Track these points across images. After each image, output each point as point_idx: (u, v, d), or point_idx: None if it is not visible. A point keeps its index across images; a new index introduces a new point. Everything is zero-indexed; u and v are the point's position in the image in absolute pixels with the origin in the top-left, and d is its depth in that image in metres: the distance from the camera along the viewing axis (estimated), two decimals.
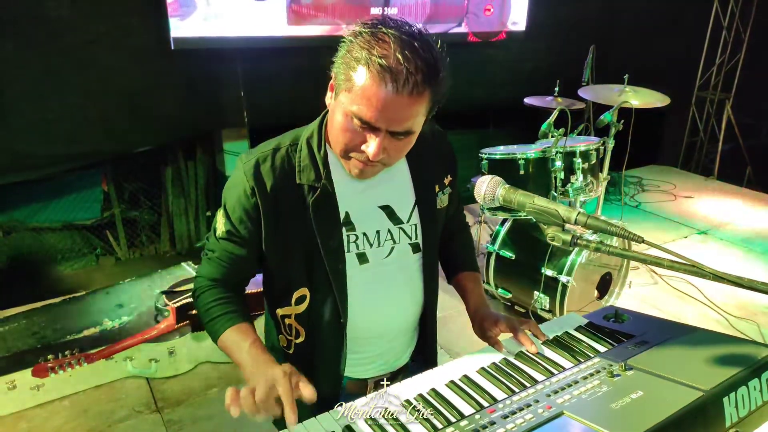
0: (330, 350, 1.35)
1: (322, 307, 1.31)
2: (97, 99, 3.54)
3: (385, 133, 1.11)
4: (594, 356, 1.22)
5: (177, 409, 2.69)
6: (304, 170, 1.25)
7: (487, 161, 3.20)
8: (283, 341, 1.41)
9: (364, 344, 1.39)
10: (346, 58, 1.10)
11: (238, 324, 1.27)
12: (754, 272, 4.01)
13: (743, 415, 1.05)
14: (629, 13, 5.40)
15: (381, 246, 1.33)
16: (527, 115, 4.22)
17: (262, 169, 1.24)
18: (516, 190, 1.17)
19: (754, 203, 5.37)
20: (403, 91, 1.05)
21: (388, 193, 1.33)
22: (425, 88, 1.08)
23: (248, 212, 1.25)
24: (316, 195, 1.24)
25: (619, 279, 3.37)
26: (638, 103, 3.48)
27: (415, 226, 1.36)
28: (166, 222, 4.27)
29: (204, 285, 1.34)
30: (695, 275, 0.96)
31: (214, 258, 1.32)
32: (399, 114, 1.09)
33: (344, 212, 1.28)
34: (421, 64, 1.05)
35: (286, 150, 1.27)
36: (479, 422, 1.02)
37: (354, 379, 1.42)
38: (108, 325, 2.87)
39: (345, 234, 1.28)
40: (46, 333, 2.84)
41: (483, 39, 4.65)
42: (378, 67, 1.04)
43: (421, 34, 1.09)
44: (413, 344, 1.50)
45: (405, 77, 1.04)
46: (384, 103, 1.07)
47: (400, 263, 1.37)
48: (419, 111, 1.11)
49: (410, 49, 1.05)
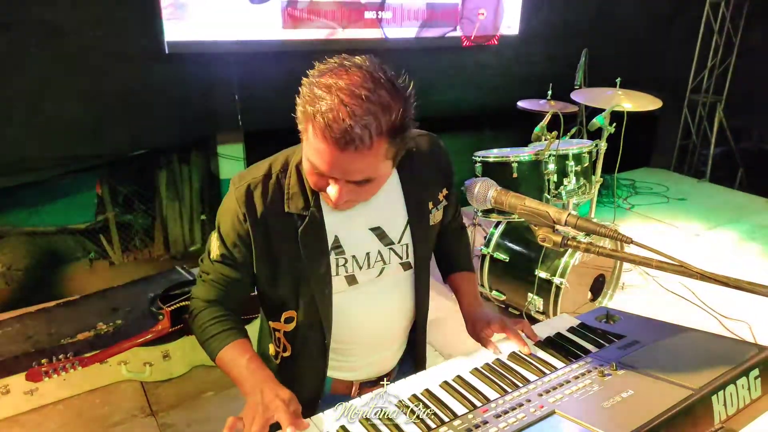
0: (313, 368, 1.37)
1: (308, 328, 1.33)
2: (91, 102, 3.54)
3: (343, 182, 1.11)
4: (585, 356, 1.23)
5: (171, 413, 2.69)
6: (293, 198, 1.25)
7: (481, 164, 3.22)
8: (272, 350, 1.43)
9: (352, 355, 1.41)
10: (301, 107, 1.08)
11: (235, 341, 1.28)
12: (746, 274, 4.03)
13: (732, 413, 1.07)
14: (621, 16, 5.44)
15: (371, 267, 1.33)
16: (520, 118, 4.25)
17: (254, 195, 1.24)
18: (507, 192, 1.18)
19: (746, 205, 5.41)
20: (348, 148, 1.03)
21: (379, 214, 1.32)
22: (374, 141, 1.04)
23: (241, 237, 1.26)
24: (304, 223, 1.25)
25: (612, 281, 3.39)
26: (630, 106, 3.50)
27: (406, 246, 1.36)
28: (161, 226, 4.27)
29: (200, 306, 1.35)
30: (683, 275, 0.98)
31: (209, 280, 1.33)
32: (349, 167, 1.08)
33: (333, 236, 1.28)
34: (369, 119, 1.02)
35: (277, 176, 1.27)
36: (472, 422, 1.04)
37: (340, 380, 1.45)
38: (102, 329, 2.86)
39: (334, 258, 1.29)
40: (40, 337, 2.83)
41: (476, 43, 4.68)
42: (322, 125, 1.02)
43: (376, 78, 1.05)
44: (401, 353, 1.52)
45: (350, 135, 1.01)
46: (332, 159, 1.06)
47: (391, 282, 1.37)
48: (374, 160, 1.08)
49: (357, 103, 1.01)
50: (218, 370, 1.29)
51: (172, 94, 3.80)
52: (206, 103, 3.95)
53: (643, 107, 3.55)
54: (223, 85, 3.92)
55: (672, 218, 5.03)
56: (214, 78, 3.89)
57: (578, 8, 5.19)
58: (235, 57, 3.86)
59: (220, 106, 3.99)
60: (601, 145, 3.46)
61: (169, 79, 3.74)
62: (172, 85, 3.78)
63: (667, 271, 0.99)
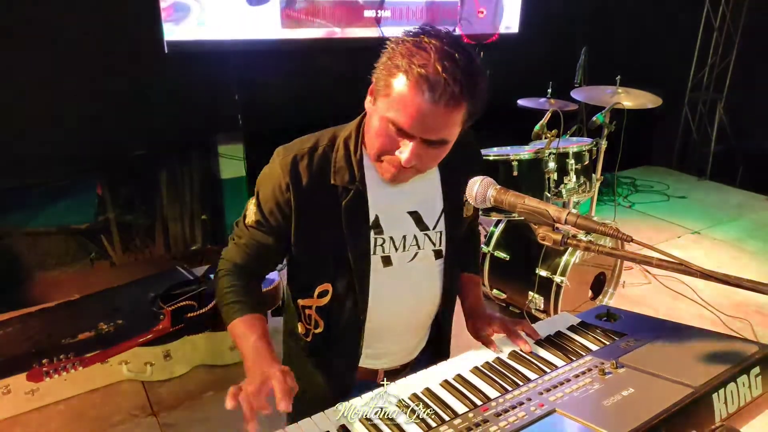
0: (346, 343, 1.39)
1: (343, 302, 1.35)
2: (91, 103, 3.54)
3: (419, 141, 1.13)
4: (586, 355, 1.23)
5: (173, 413, 2.69)
6: (339, 171, 1.28)
7: None
8: (302, 329, 1.44)
9: (380, 340, 1.42)
10: (386, 65, 1.11)
11: (250, 315, 1.29)
12: (746, 272, 4.03)
13: (732, 411, 1.07)
14: (621, 14, 5.43)
15: (406, 250, 1.36)
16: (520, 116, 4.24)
17: (299, 166, 1.26)
18: (507, 190, 1.18)
19: (746, 203, 5.40)
20: (440, 101, 1.07)
21: (418, 199, 1.36)
22: (462, 100, 1.09)
23: (280, 206, 1.28)
24: (348, 197, 1.27)
25: (613, 279, 3.39)
26: (631, 104, 3.50)
27: (440, 234, 1.39)
28: (161, 226, 4.27)
29: (227, 268, 1.37)
30: (683, 273, 0.98)
31: (241, 244, 1.36)
32: (434, 123, 1.11)
33: (374, 215, 1.31)
34: (460, 76, 1.07)
35: (324, 149, 1.29)
36: (473, 420, 1.04)
37: (365, 368, 1.46)
38: (103, 329, 2.86)
39: (373, 236, 1.31)
40: (41, 337, 2.83)
41: (476, 41, 4.67)
42: (416, 76, 1.06)
43: (463, 46, 1.11)
44: (424, 342, 1.54)
45: (443, 87, 1.06)
46: (420, 112, 1.08)
47: (422, 267, 1.39)
48: (455, 121, 1.13)
49: (450, 60, 1.06)
50: (219, 370, 1.31)
51: (172, 94, 3.80)
52: (206, 103, 3.94)
53: (643, 105, 3.55)
54: (223, 85, 3.92)
55: (672, 216, 5.03)
56: (215, 78, 3.88)
57: (578, 6, 5.18)
58: (236, 57, 3.85)
59: (221, 106, 3.99)
60: (601, 143, 3.46)
61: (170, 80, 3.74)
62: (173, 86, 3.77)
63: (667, 270, 0.99)
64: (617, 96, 3.55)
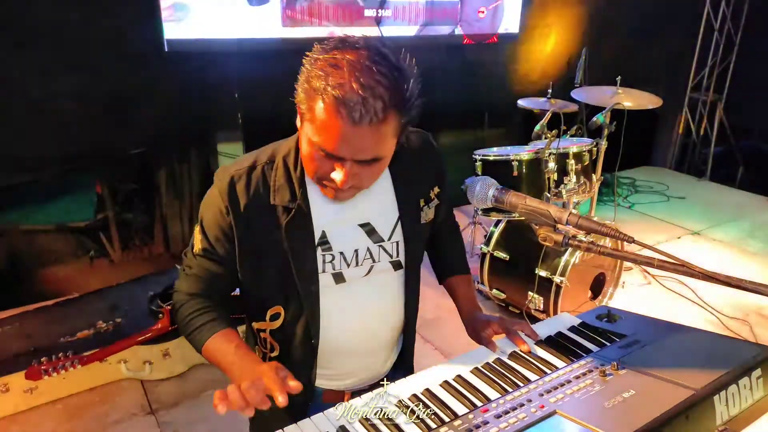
0: (301, 367, 1.34)
1: (294, 325, 1.31)
2: (90, 101, 3.53)
3: (351, 162, 1.08)
4: (586, 356, 1.22)
5: (171, 411, 2.69)
6: (279, 191, 1.23)
7: (481, 162, 3.21)
8: (258, 353, 1.41)
9: (341, 360, 1.38)
10: (304, 87, 1.06)
11: (221, 330, 1.24)
12: (747, 272, 4.03)
13: (734, 414, 1.06)
14: (621, 15, 5.43)
15: (359, 265, 1.30)
16: (521, 117, 4.24)
17: (237, 187, 1.22)
18: (508, 191, 1.18)
19: (746, 204, 5.40)
20: (363, 122, 1.01)
21: (369, 210, 1.30)
22: (388, 114, 1.03)
23: (224, 230, 1.24)
24: (290, 216, 1.22)
25: (613, 279, 3.39)
26: (631, 104, 3.50)
27: (396, 244, 1.33)
28: (160, 224, 4.26)
29: (183, 299, 1.31)
30: (685, 275, 0.98)
31: (192, 274, 1.31)
32: (361, 144, 1.05)
33: (320, 231, 1.26)
34: (381, 90, 1.00)
35: (262, 168, 1.24)
36: (473, 422, 1.03)
37: (331, 390, 1.42)
38: (102, 328, 2.86)
39: (320, 254, 1.26)
40: (39, 335, 2.83)
41: (476, 42, 4.67)
42: (333, 99, 1.00)
43: (384, 54, 1.04)
44: (392, 359, 1.49)
45: (362, 107, 0.99)
46: (343, 136, 1.03)
47: (380, 281, 1.35)
48: (384, 137, 1.07)
49: (368, 75, 1.00)
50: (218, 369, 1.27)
51: (171, 92, 3.79)
52: (206, 102, 3.94)
53: (643, 106, 3.55)
54: (222, 83, 3.92)
55: (672, 217, 5.03)
56: (214, 76, 3.88)
57: (577, 6, 5.18)
58: (235, 55, 3.85)
59: (220, 104, 3.98)
60: (601, 143, 3.46)
61: (169, 78, 3.73)
62: (172, 84, 3.77)
63: (668, 271, 0.99)
64: (617, 96, 3.55)
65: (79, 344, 2.73)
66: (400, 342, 1.50)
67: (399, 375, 1.46)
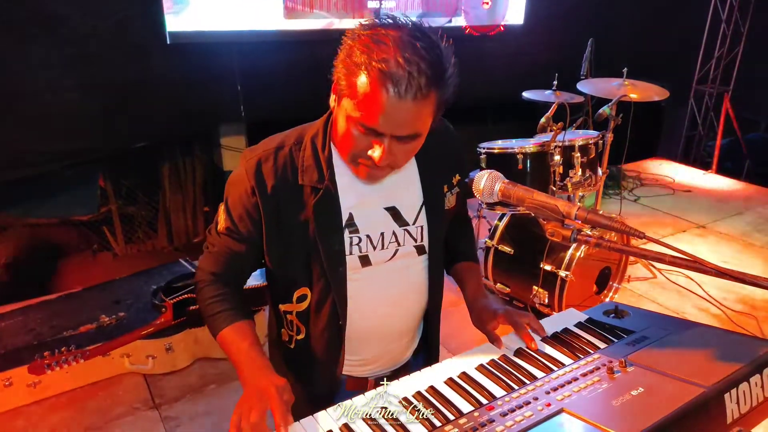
0: (328, 350, 1.34)
1: (321, 307, 1.30)
2: (93, 95, 3.52)
3: (390, 138, 1.09)
4: (594, 352, 1.20)
5: (174, 406, 2.68)
6: (307, 171, 1.23)
7: (486, 155, 3.18)
8: (285, 335, 1.40)
9: (365, 345, 1.38)
10: (346, 63, 1.06)
11: (238, 322, 1.25)
12: (752, 266, 4.00)
13: (745, 412, 1.04)
14: (628, 5, 5.38)
15: (385, 248, 1.30)
16: (526, 109, 4.20)
17: (263, 168, 1.22)
18: (515, 184, 1.15)
19: (752, 197, 5.36)
20: (407, 96, 1.02)
21: (395, 194, 1.30)
22: (430, 90, 1.04)
23: (249, 211, 1.24)
24: (318, 197, 1.22)
25: (618, 273, 3.36)
26: (637, 96, 3.46)
27: (420, 228, 1.34)
28: (164, 218, 4.26)
29: (205, 279, 1.32)
30: (697, 271, 0.95)
31: (215, 252, 1.31)
32: (404, 119, 1.06)
33: (347, 214, 1.26)
34: (424, 66, 1.02)
35: (290, 149, 1.25)
36: (478, 420, 1.01)
37: (354, 377, 1.41)
38: (105, 322, 2.85)
39: (348, 236, 1.26)
40: (42, 330, 2.82)
41: (481, 33, 4.63)
42: (378, 73, 1.01)
43: (424, 32, 1.05)
44: (415, 344, 1.49)
45: (407, 81, 1.01)
46: (387, 109, 1.03)
47: (404, 265, 1.35)
48: (425, 113, 1.08)
49: (412, 51, 1.01)
50: (221, 363, 1.28)
51: (174, 85, 3.78)
52: (208, 95, 3.92)
53: (649, 98, 3.51)
54: (225, 75, 3.90)
55: (678, 210, 4.99)
56: (216, 69, 3.86)
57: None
58: (237, 47, 3.83)
59: (223, 97, 3.97)
60: (607, 136, 3.42)
61: (171, 71, 3.72)
62: (174, 77, 3.75)
63: (680, 267, 0.96)
64: (624, 88, 3.51)
65: (82, 338, 2.73)
66: (421, 327, 1.49)
67: (421, 361, 1.49)
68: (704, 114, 6.09)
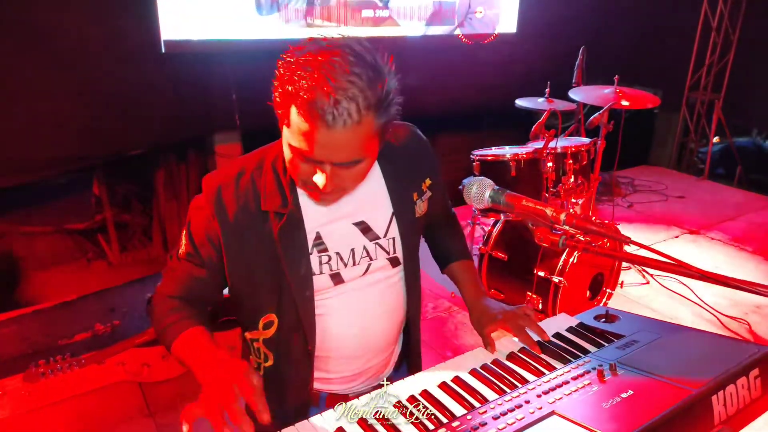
0: (298, 375, 1.33)
1: (289, 333, 1.29)
2: (88, 102, 3.53)
3: (331, 165, 1.06)
4: (584, 356, 1.22)
5: (170, 414, 2.68)
6: (270, 196, 1.20)
7: (479, 162, 3.20)
8: (253, 363, 1.38)
9: (343, 363, 1.36)
10: (279, 91, 1.05)
11: (191, 329, 1.21)
12: (744, 272, 4.03)
13: (732, 413, 1.06)
14: (619, 14, 5.43)
15: (357, 264, 1.28)
16: (518, 116, 4.24)
17: (224, 195, 1.21)
18: (504, 191, 1.17)
19: (744, 203, 5.40)
20: (337, 125, 0.99)
21: (363, 208, 1.28)
22: (362, 115, 1.00)
23: (210, 237, 1.22)
24: (282, 222, 1.20)
25: (611, 279, 3.38)
26: (629, 104, 3.50)
27: (393, 240, 1.31)
28: (159, 226, 4.26)
29: (159, 300, 1.29)
30: (682, 275, 0.97)
31: (175, 277, 1.29)
32: (339, 147, 1.03)
33: (314, 233, 1.24)
34: (355, 91, 0.98)
35: (251, 175, 1.22)
36: (471, 423, 1.03)
37: (335, 394, 1.40)
38: (100, 330, 2.85)
39: (316, 255, 1.24)
40: (37, 338, 2.82)
41: (474, 41, 4.67)
42: (306, 104, 0.98)
43: (359, 53, 1.01)
44: (395, 357, 1.47)
45: (335, 110, 0.97)
46: (319, 140, 1.01)
47: (379, 279, 1.33)
48: (362, 138, 1.04)
49: (340, 76, 0.97)
50: None
51: (169, 93, 3.79)
52: (203, 103, 3.94)
53: (641, 105, 3.54)
54: (220, 84, 3.91)
55: (671, 216, 5.03)
56: (212, 77, 3.88)
57: (576, 6, 5.18)
58: (233, 56, 3.84)
59: (218, 105, 3.98)
60: (599, 142, 3.46)
61: (166, 78, 3.73)
62: (170, 84, 3.76)
63: (666, 271, 0.98)
64: (615, 96, 3.54)
65: (76, 346, 2.73)
66: (400, 341, 1.48)
67: (404, 374, 1.46)
68: (696, 121, 6.14)
